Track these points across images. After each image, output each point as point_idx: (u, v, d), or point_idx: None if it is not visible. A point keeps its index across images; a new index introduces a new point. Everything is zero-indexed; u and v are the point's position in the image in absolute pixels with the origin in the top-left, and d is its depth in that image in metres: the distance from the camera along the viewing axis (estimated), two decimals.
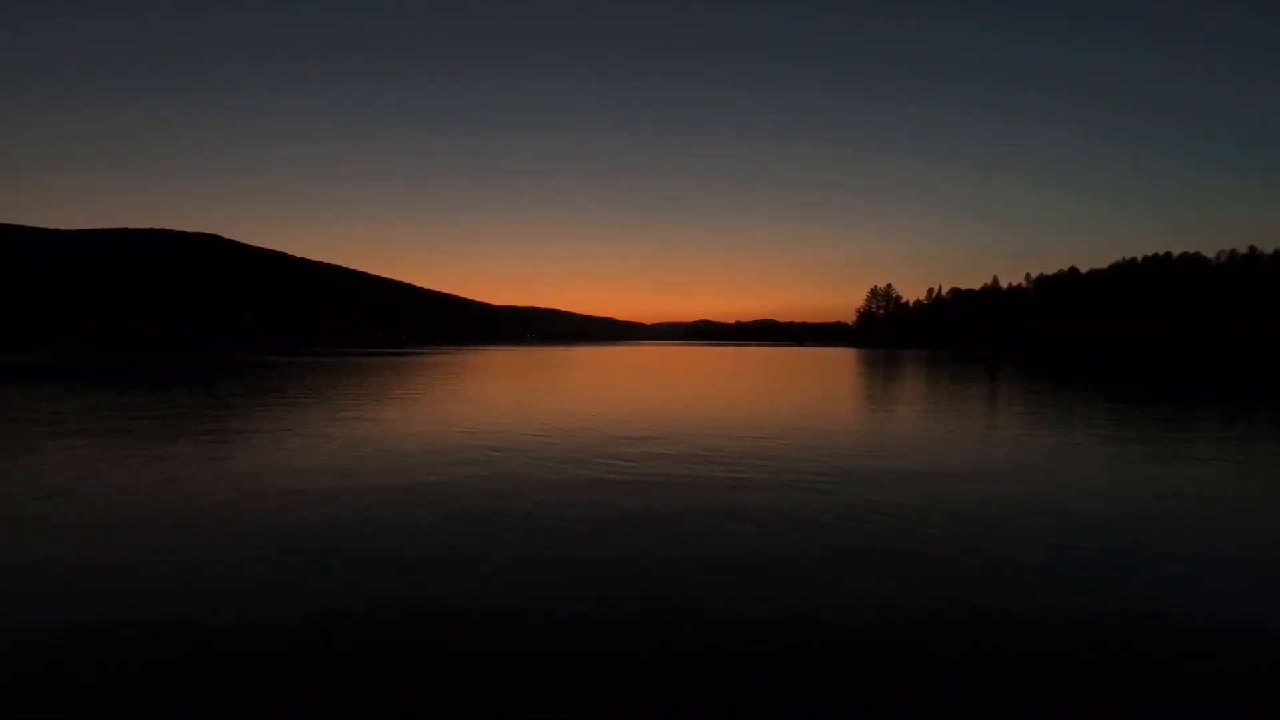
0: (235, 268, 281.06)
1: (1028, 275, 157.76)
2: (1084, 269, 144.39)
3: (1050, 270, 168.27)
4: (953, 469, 10.48)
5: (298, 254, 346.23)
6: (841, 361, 63.93)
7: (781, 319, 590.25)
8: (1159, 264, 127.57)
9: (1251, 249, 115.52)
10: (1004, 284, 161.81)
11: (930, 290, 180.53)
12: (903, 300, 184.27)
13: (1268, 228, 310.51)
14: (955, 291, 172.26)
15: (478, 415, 17.04)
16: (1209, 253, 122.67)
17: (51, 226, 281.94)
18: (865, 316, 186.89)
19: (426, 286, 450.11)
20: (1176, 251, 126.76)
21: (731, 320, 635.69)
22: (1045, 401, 23.04)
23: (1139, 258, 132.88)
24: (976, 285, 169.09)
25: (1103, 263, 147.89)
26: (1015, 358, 79.10)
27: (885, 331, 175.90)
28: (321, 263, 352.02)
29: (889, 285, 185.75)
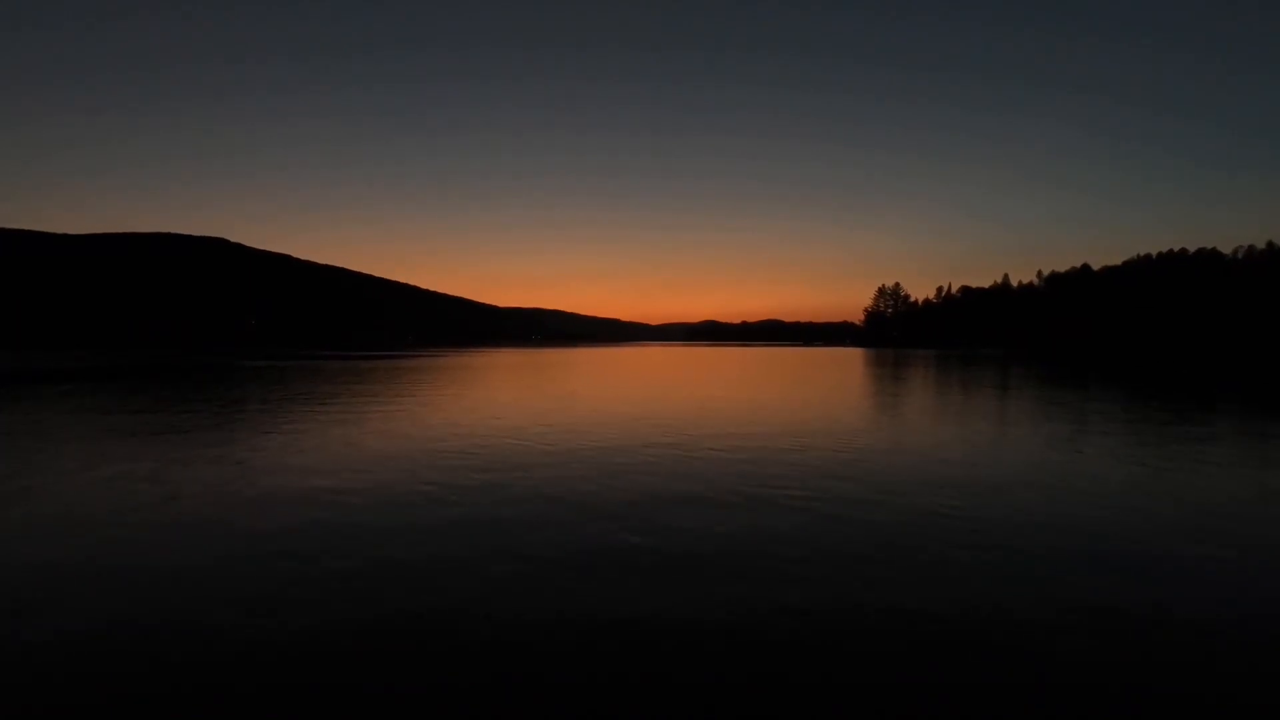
0: (241, 271, 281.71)
1: (1039, 273, 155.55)
2: (1091, 266, 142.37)
3: (1056, 267, 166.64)
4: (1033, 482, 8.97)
5: (303, 257, 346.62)
6: (854, 362, 62.26)
7: (787, 319, 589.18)
8: (1174, 260, 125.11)
9: (1270, 244, 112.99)
10: (1014, 282, 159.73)
11: (940, 289, 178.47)
12: (911, 299, 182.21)
13: (1276, 224, 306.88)
14: (966, 290, 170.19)
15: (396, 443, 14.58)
16: (1223, 248, 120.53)
17: (59, 231, 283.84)
18: (873, 316, 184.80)
19: (431, 288, 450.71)
20: (1192, 248, 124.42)
21: (737, 320, 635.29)
22: (1082, 409, 21.41)
23: (1153, 254, 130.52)
24: (981, 283, 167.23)
25: (1109, 260, 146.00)
26: (1028, 357, 77.23)
27: (893, 331, 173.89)
28: (326, 265, 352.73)
29: (897, 284, 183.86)
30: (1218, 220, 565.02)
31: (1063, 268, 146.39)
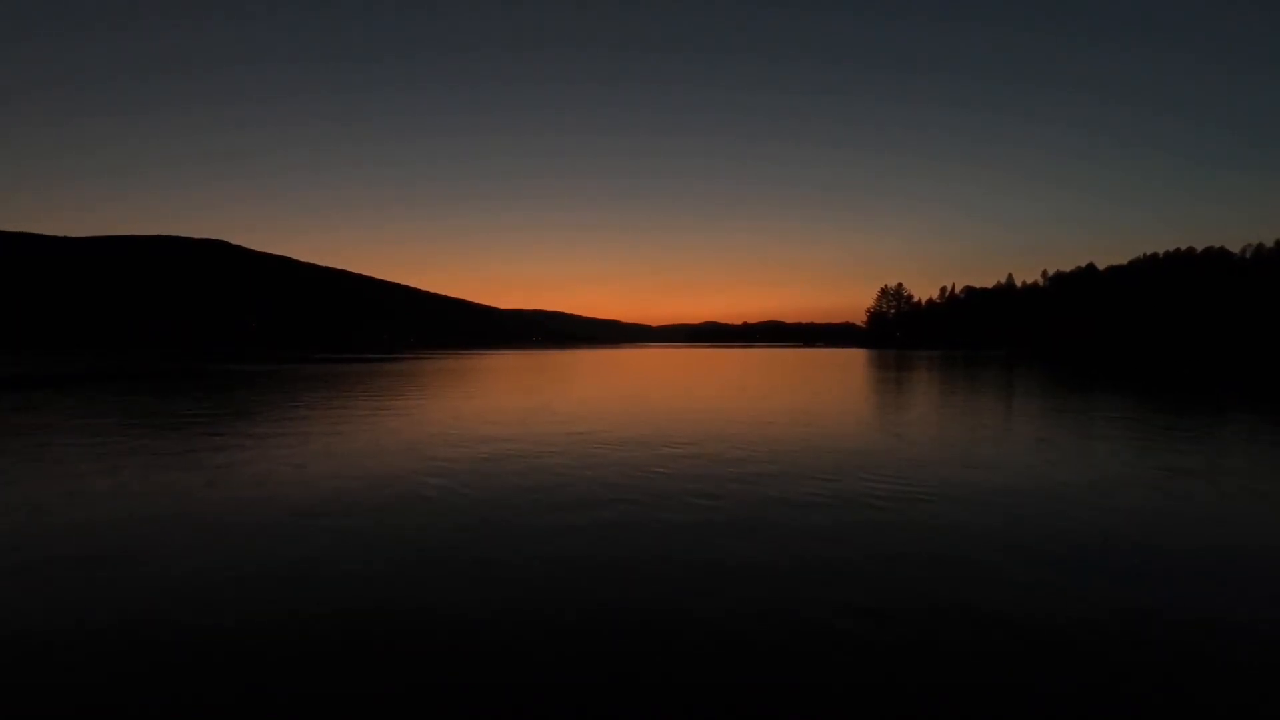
0: (241, 273, 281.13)
1: (1044, 273, 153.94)
2: (1096, 265, 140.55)
3: (1058, 266, 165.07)
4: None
5: (303, 259, 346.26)
6: (859, 364, 60.88)
7: (788, 320, 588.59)
8: (1181, 260, 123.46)
9: (1278, 242, 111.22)
10: (1018, 282, 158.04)
11: (943, 289, 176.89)
12: (914, 299, 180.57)
13: (1276, 223, 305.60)
14: (969, 290, 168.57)
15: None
16: (1227, 247, 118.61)
17: (60, 234, 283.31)
18: (876, 316, 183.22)
19: (433, 290, 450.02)
20: (1196, 247, 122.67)
21: (738, 321, 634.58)
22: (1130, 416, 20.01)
23: (1160, 253, 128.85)
24: (983, 283, 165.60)
25: (1111, 259, 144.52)
26: (1035, 358, 75.76)
27: (896, 331, 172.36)
28: (327, 267, 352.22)
29: (899, 284, 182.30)
30: (1219, 219, 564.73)
31: (1065, 267, 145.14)
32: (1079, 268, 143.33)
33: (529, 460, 11.03)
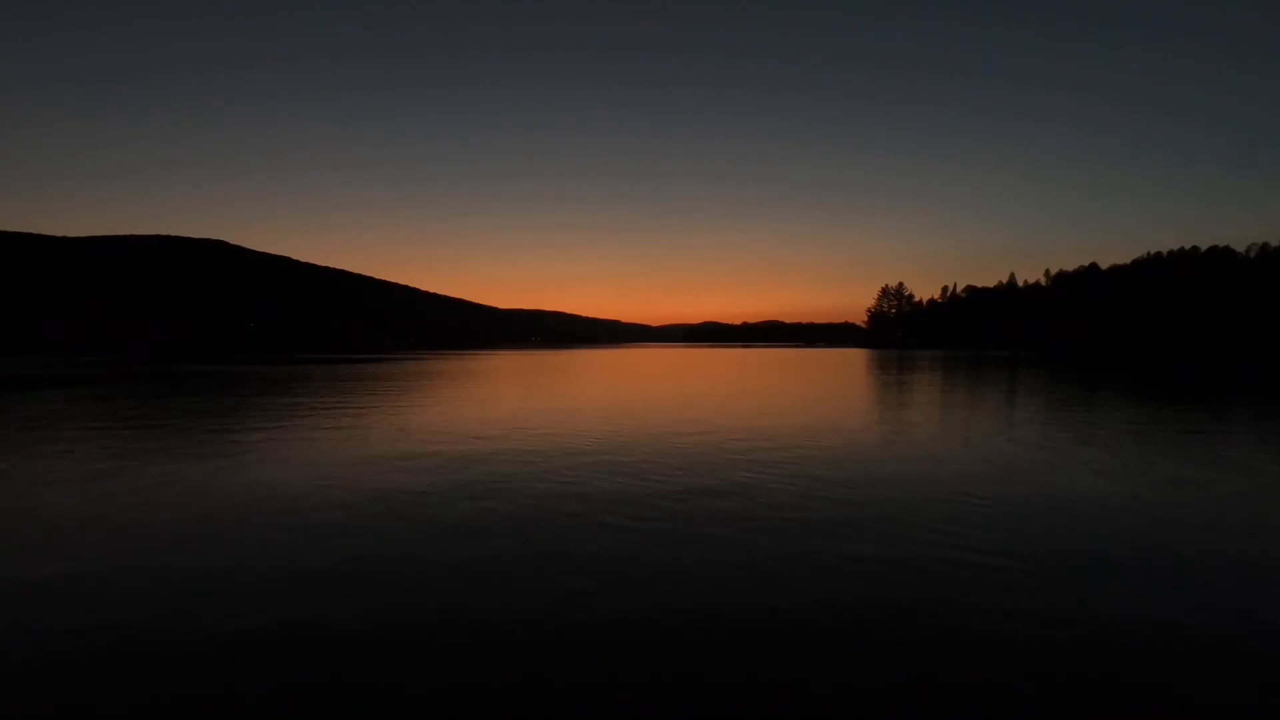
0: (241, 273, 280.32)
1: (1046, 272, 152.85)
2: (1090, 265, 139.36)
3: (1059, 266, 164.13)
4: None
5: (303, 259, 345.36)
6: (862, 365, 59.89)
7: (788, 320, 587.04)
8: (1185, 258, 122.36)
9: None
10: (1020, 282, 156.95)
11: (945, 289, 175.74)
12: (915, 299, 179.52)
13: (1276, 224, 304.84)
14: (971, 289, 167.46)
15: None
16: (1235, 246, 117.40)
17: (58, 234, 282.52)
18: (877, 316, 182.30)
19: (433, 291, 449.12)
20: (1197, 246, 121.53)
21: (738, 321, 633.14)
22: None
23: (1164, 252, 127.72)
24: (983, 283, 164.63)
25: (1112, 259, 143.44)
26: (1040, 358, 74.79)
27: (897, 331, 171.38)
28: (326, 267, 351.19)
29: (900, 284, 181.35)
30: (1219, 219, 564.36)
31: (1066, 267, 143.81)
32: (1081, 267, 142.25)
33: (456, 504, 8.42)
